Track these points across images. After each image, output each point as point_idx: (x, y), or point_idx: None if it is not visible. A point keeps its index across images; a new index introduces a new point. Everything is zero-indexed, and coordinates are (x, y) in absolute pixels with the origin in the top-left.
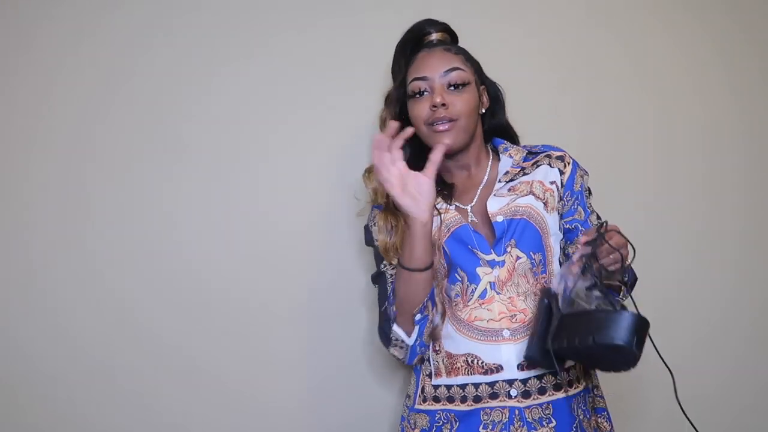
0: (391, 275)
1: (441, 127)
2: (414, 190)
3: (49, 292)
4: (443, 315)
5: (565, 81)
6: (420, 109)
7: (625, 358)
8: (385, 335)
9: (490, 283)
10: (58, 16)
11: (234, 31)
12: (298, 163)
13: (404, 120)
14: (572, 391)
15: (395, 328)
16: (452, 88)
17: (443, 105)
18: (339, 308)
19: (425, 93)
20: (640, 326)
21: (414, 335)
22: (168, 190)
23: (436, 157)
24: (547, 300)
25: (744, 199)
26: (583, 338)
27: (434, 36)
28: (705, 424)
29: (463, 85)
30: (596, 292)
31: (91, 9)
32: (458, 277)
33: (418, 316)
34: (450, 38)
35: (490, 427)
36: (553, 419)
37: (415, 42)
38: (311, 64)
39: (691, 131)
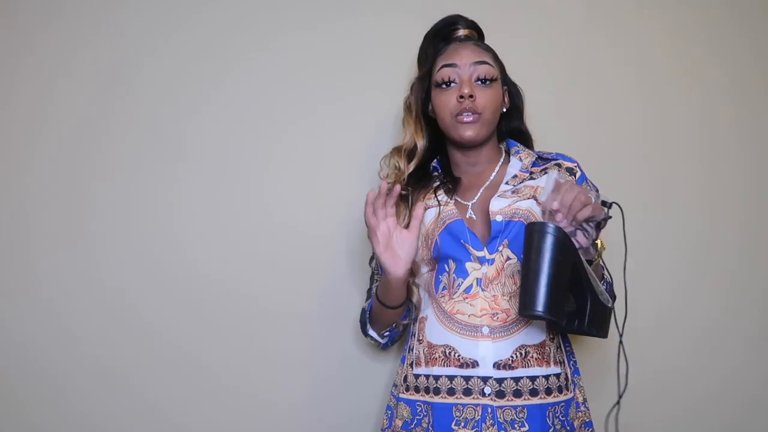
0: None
1: (466, 119)
2: (396, 246)
3: (52, 291)
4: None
5: (565, 85)
6: (447, 99)
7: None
8: (363, 327)
9: (477, 279)
10: (62, 18)
11: (241, 32)
12: (304, 163)
13: (425, 108)
14: (550, 399)
15: (369, 331)
16: (480, 82)
17: (471, 96)
18: (343, 306)
19: (452, 84)
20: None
21: (386, 338)
22: (173, 190)
23: (419, 213)
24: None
25: (743, 202)
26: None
27: (462, 32)
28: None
29: (491, 80)
30: None
31: (95, 11)
32: (446, 268)
33: (387, 333)
34: (478, 36)
35: (463, 424)
36: (526, 423)
37: (444, 34)
38: (319, 64)
39: (690, 134)
